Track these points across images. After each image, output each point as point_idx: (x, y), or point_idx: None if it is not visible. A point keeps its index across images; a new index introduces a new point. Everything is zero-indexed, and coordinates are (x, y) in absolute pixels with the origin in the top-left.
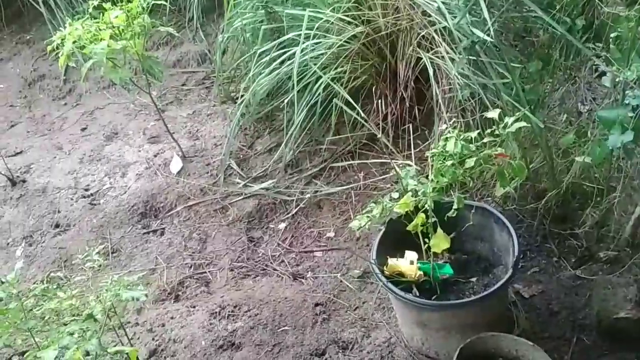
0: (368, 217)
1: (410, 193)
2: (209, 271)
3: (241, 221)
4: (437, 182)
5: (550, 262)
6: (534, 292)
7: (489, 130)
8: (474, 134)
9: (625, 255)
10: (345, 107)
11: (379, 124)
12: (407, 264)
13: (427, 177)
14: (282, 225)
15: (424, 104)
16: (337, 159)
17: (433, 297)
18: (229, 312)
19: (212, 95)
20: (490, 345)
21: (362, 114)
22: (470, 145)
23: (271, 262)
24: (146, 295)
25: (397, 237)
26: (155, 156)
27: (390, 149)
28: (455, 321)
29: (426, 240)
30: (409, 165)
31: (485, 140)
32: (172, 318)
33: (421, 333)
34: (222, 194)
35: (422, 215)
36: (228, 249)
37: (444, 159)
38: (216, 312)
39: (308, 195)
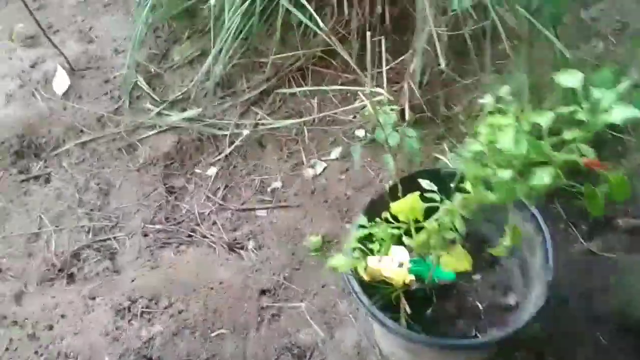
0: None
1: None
2: (113, 237)
3: (156, 165)
4: (467, 204)
5: (558, 229)
6: None
7: (567, 108)
8: (544, 118)
9: None
10: (292, 8)
11: (338, 32)
12: (395, 266)
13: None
14: (212, 171)
15: (398, 3)
16: (283, 77)
17: (429, 310)
18: (142, 307)
19: None
20: None
21: (316, 17)
22: (541, 141)
23: (199, 224)
24: None
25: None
26: (32, 67)
27: (353, 67)
28: (462, 357)
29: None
30: (380, 93)
31: (566, 136)
32: (62, 317)
33: (409, 357)
34: (128, 126)
35: (426, 234)
36: (139, 204)
37: (488, 163)
38: (125, 309)
39: (246, 131)
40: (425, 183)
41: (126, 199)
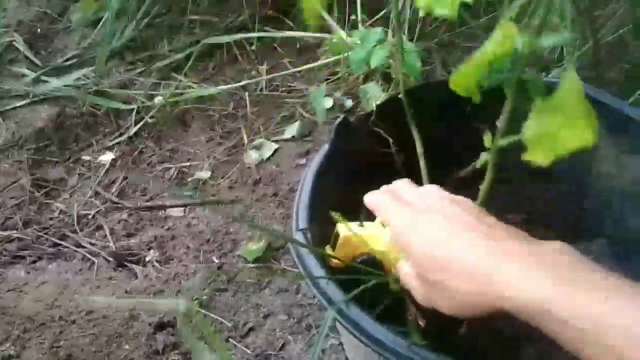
0: None
1: None
2: None
3: (22, 148)
4: None
5: None
6: None
7: None
8: None
9: None
10: None
11: None
12: (384, 233)
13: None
14: (106, 157)
15: None
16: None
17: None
18: None
19: None
20: None
21: None
22: None
23: (75, 231)
24: None
25: (358, 170)
26: None
27: (314, 27)
28: None
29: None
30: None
31: None
32: None
33: None
34: None
35: None
36: None
37: None
38: None
39: (160, 99)
40: None
41: None
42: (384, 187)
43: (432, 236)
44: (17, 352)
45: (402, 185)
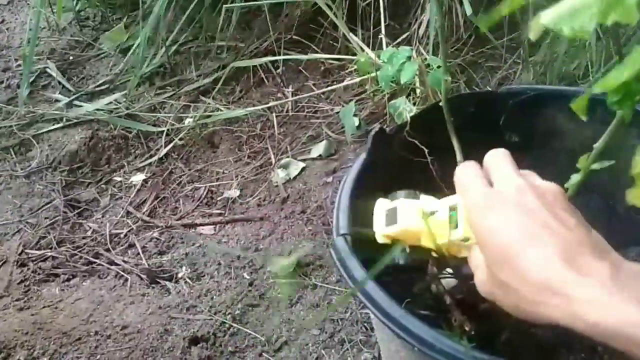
0: None
1: None
2: None
3: (56, 169)
4: None
5: None
6: None
7: None
8: None
9: None
10: None
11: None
12: (444, 213)
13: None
14: (137, 178)
15: None
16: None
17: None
18: None
19: None
20: None
21: None
22: None
23: (109, 249)
24: None
25: (394, 177)
26: None
27: (339, 49)
28: None
29: None
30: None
31: None
32: None
33: None
34: (21, 119)
35: None
36: (22, 222)
37: None
38: None
39: (189, 120)
40: None
41: (2, 215)
42: (471, 162)
43: (506, 233)
44: None
45: (496, 159)
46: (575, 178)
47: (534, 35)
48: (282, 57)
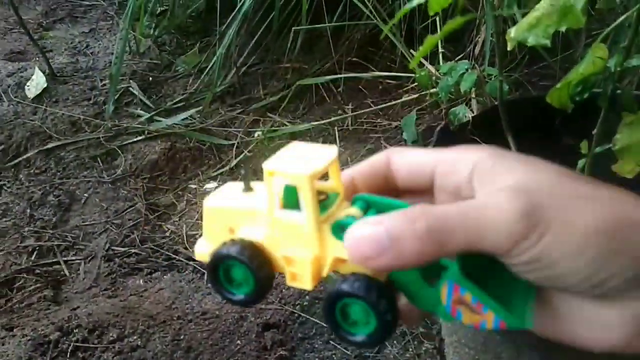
0: None
1: None
2: (64, 260)
3: (138, 177)
4: None
5: None
6: None
7: None
8: None
9: None
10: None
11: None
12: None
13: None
14: (211, 186)
15: None
16: (309, 85)
17: None
18: (76, 341)
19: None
20: None
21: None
22: None
23: (186, 247)
24: None
25: None
26: (9, 76)
27: (396, 68)
28: None
29: None
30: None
31: None
32: None
33: None
34: (108, 132)
35: None
36: (108, 222)
37: None
38: (48, 342)
39: (258, 134)
40: None
41: (91, 216)
42: None
43: None
44: (143, 344)
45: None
46: (581, 163)
47: (510, 47)
48: (342, 76)
